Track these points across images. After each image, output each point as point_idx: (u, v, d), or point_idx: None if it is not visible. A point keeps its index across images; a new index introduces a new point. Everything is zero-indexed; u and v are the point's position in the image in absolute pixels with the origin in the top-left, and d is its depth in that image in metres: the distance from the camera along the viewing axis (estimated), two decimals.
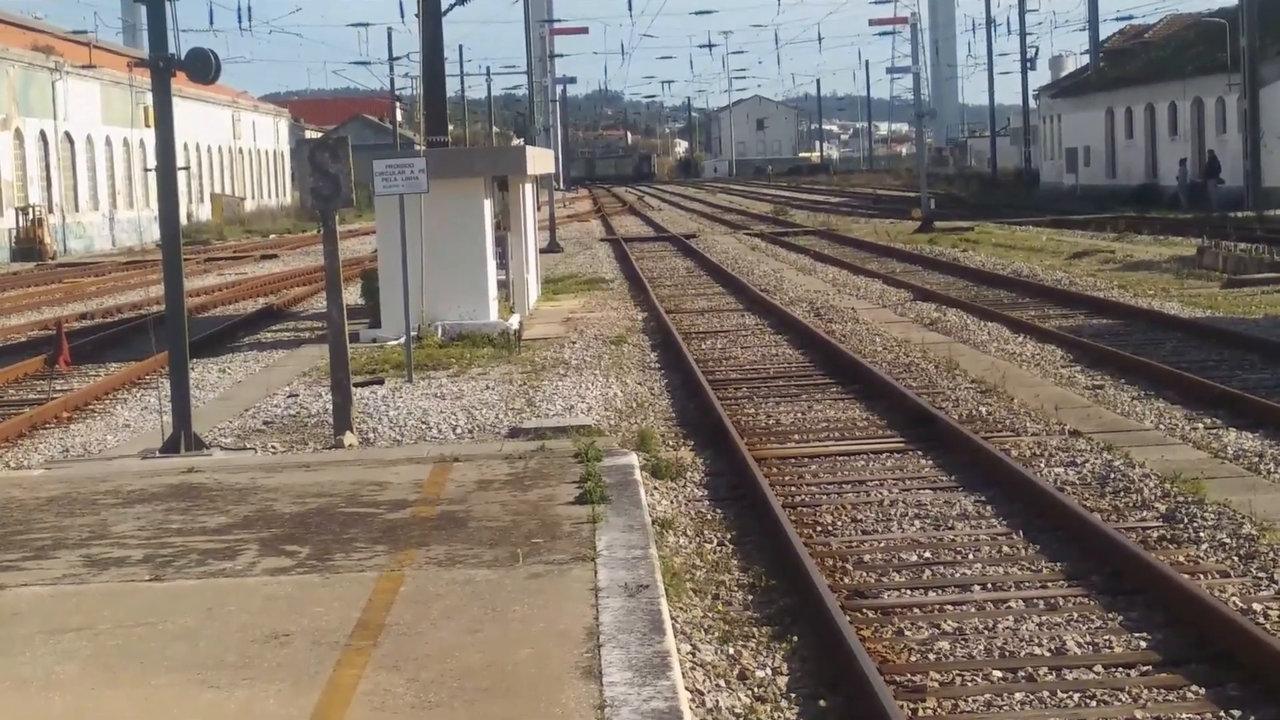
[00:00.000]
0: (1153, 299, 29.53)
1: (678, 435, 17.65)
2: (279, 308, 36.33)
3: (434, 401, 19.83)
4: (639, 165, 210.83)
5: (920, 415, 17.36)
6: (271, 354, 26.75)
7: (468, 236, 26.86)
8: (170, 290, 17.17)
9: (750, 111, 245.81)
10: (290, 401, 20.43)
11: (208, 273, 51.28)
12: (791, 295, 33.33)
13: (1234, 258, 33.76)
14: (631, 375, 22.38)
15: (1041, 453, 15.53)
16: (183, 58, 16.87)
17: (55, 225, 68.30)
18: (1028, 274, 35.97)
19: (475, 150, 47.38)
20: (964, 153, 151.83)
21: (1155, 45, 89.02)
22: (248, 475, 14.71)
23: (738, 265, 43.13)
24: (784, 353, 24.48)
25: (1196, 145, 71.28)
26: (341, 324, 17.30)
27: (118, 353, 28.18)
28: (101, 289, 45.21)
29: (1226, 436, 15.97)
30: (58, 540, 12.20)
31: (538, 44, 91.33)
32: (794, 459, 15.96)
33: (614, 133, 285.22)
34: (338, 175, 17.11)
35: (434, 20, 32.23)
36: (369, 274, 29.82)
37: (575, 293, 36.69)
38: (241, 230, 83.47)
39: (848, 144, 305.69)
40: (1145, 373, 20.09)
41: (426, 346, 24.74)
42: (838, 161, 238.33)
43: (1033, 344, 23.79)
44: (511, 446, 15.88)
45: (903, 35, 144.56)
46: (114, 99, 76.93)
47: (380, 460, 15.43)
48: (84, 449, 18.32)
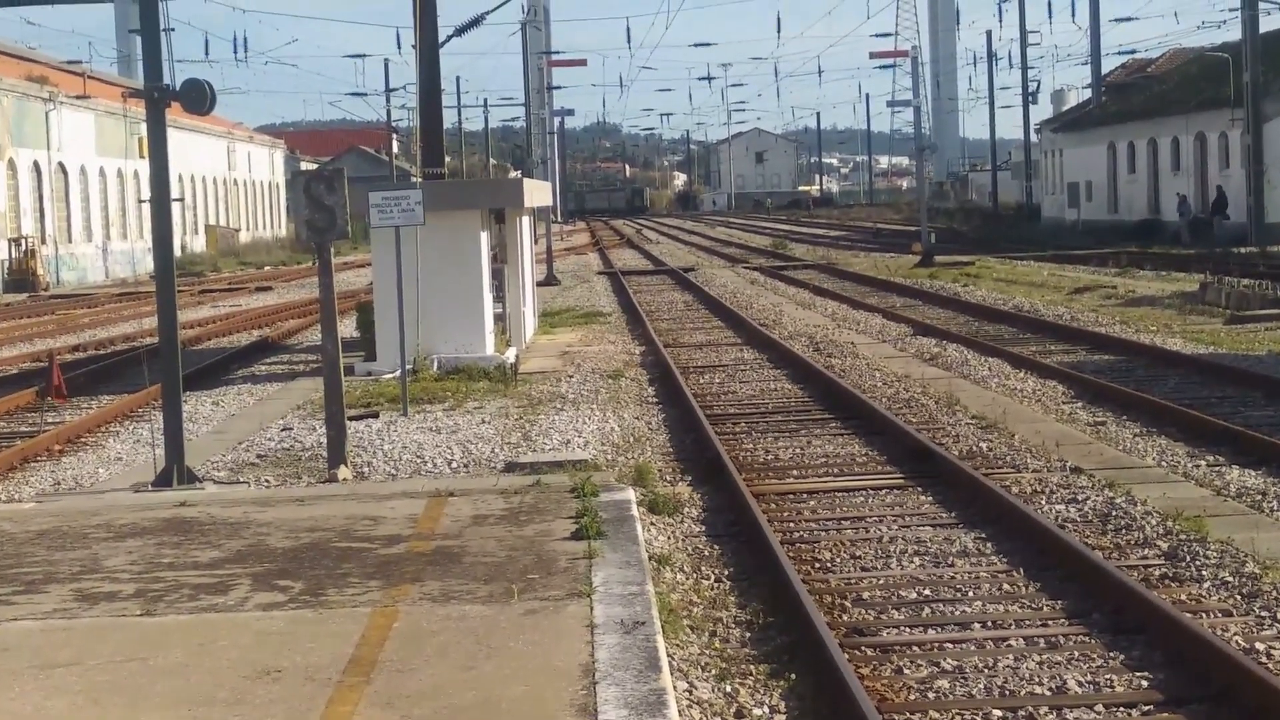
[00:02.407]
0: (1155, 335, 29.42)
1: (675, 470, 17.52)
2: (273, 340, 36.21)
3: (429, 435, 19.71)
4: (631, 199, 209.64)
5: (920, 451, 17.24)
6: (265, 387, 26.63)
7: (464, 269, 26.76)
8: (164, 322, 17.06)
9: (749, 144, 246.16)
10: (284, 435, 20.31)
11: (202, 305, 51.21)
12: (791, 329, 33.23)
13: (1237, 293, 33.67)
14: (629, 410, 22.26)
15: (1042, 489, 15.41)
16: (178, 88, 16.78)
17: (48, 256, 68.25)
18: (1029, 309, 35.87)
19: (472, 182, 47.31)
20: (965, 187, 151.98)
21: (1158, 79, 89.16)
22: (241, 509, 14.58)
23: (736, 299, 43.05)
24: (783, 387, 24.35)
25: (1199, 180, 71.33)
26: (336, 357, 17.17)
27: (111, 385, 28.06)
28: (94, 321, 45.10)
29: (1229, 474, 15.85)
30: (48, 574, 12.07)
31: (536, 76, 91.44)
32: (792, 495, 15.83)
33: (612, 165, 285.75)
34: (333, 207, 17.00)
35: (431, 52, 32.16)
36: (364, 307, 29.72)
37: (572, 326, 36.60)
38: (236, 262, 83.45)
39: (848, 177, 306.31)
40: (1147, 409, 19.97)
41: (422, 380, 24.62)
42: (838, 195, 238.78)
43: (1034, 380, 23.67)
44: (507, 481, 15.75)
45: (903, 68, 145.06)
46: (108, 129, 76.93)
47: (374, 495, 15.30)
48: (76, 482, 18.18)
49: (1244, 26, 62.31)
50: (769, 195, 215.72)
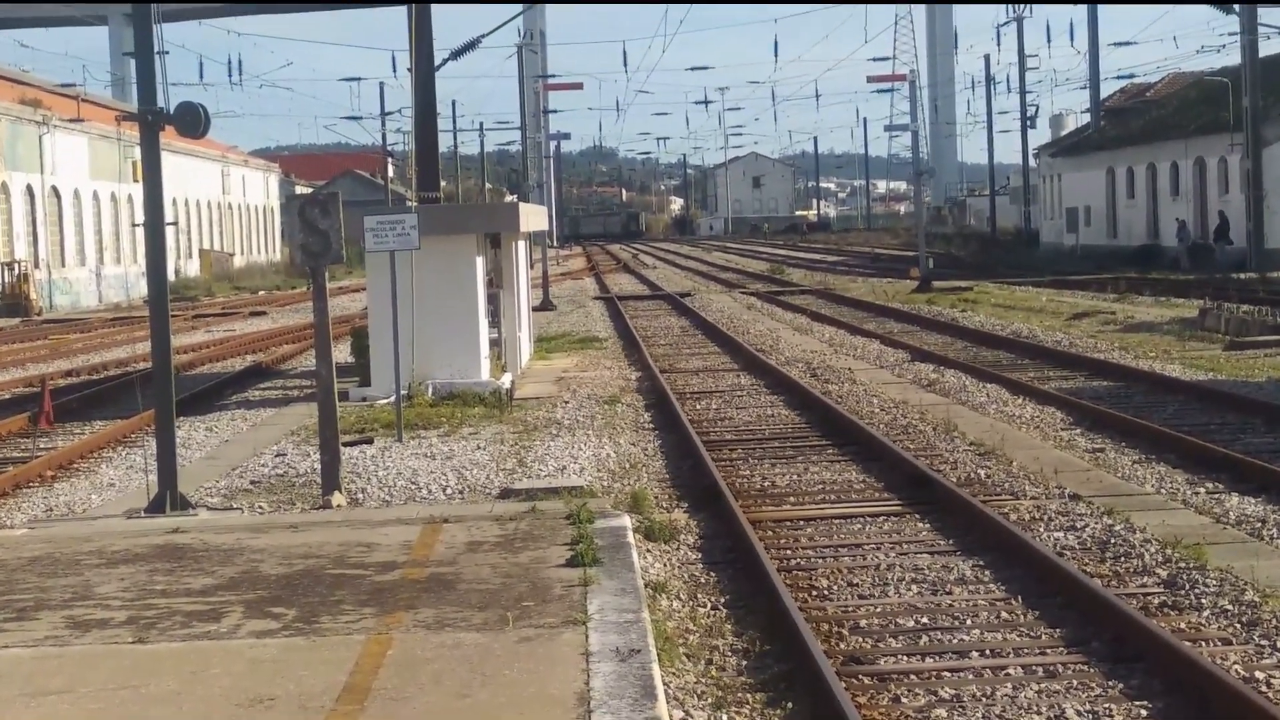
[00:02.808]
0: (1154, 361, 29.35)
1: (671, 497, 17.44)
2: (267, 365, 36.12)
3: (424, 461, 19.64)
4: (627, 223, 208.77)
5: (918, 478, 17.16)
6: (259, 412, 26.54)
7: (460, 294, 26.70)
8: (157, 347, 16.97)
9: (746, 169, 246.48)
10: (278, 461, 20.23)
11: (195, 329, 51.13)
12: (788, 355, 33.17)
13: (1236, 319, 33.61)
14: (625, 436, 22.18)
15: (1041, 516, 15.33)
16: (172, 111, 16.72)
17: (41, 281, 68.20)
18: (1027, 335, 35.81)
19: (468, 206, 47.33)
20: (963, 211, 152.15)
21: (1157, 104, 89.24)
22: (234, 536, 14.49)
23: (733, 324, 43.00)
24: (780, 413, 24.28)
25: (1198, 206, 71.35)
26: (330, 382, 17.09)
27: (104, 410, 27.96)
28: (87, 346, 45.01)
29: (1229, 501, 15.78)
30: (40, 601, 12.00)
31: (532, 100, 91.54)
32: (789, 522, 15.75)
33: (608, 189, 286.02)
34: (328, 231, 16.93)
35: (426, 75, 32.14)
36: (359, 332, 29.65)
37: (568, 351, 36.53)
38: (230, 286, 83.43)
39: (845, 202, 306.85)
40: (1146, 436, 19.91)
41: (417, 405, 24.55)
42: (835, 219, 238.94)
43: (1032, 406, 23.60)
44: (502, 508, 15.67)
45: (901, 93, 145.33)
46: (102, 153, 76.94)
47: (368, 521, 15.22)
48: (68, 508, 18.10)
49: (1243, 51, 62.38)
50: (766, 220, 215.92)
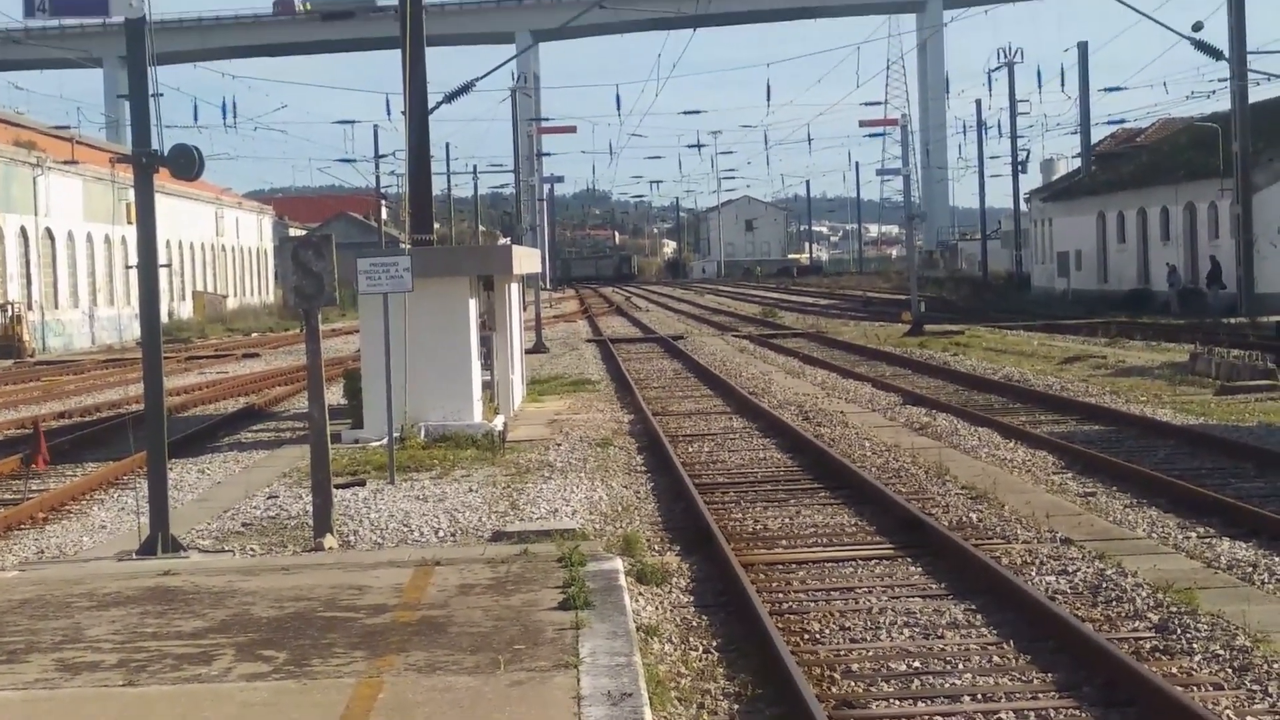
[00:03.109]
0: (1145, 405, 29.38)
1: (664, 540, 17.44)
2: (260, 407, 36.10)
3: (416, 504, 19.63)
4: (619, 266, 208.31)
5: (910, 521, 17.16)
6: (252, 454, 26.52)
7: (452, 336, 26.72)
8: (150, 389, 16.97)
9: (739, 212, 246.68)
10: (270, 503, 20.22)
11: (188, 371, 51.08)
12: (780, 398, 33.18)
13: (1227, 364, 33.64)
14: (617, 478, 22.18)
15: (1033, 561, 15.33)
16: (166, 154, 16.75)
17: (34, 322, 68.14)
18: (1019, 379, 35.84)
19: (461, 249, 47.32)
20: (955, 255, 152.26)
21: (1147, 149, 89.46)
22: (225, 578, 14.47)
23: (725, 367, 43.01)
24: (772, 456, 24.28)
25: (1188, 250, 71.48)
26: (323, 424, 17.09)
27: (96, 452, 27.93)
28: (80, 387, 44.97)
29: (1220, 546, 15.79)
30: (30, 644, 11.97)
31: (525, 143, 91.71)
32: (781, 565, 15.74)
33: (601, 232, 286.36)
34: (321, 273, 16.96)
35: (420, 118, 32.21)
36: (352, 374, 29.65)
37: (561, 394, 36.53)
38: (223, 328, 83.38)
39: (837, 245, 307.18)
40: (1138, 480, 19.92)
41: (409, 448, 24.54)
42: (827, 263, 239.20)
43: (1024, 450, 23.61)
44: (494, 550, 15.66)
45: (893, 137, 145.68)
46: (96, 195, 76.98)
47: (360, 564, 15.20)
48: (59, 550, 18.07)
49: (1233, 97, 62.58)
50: (758, 263, 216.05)
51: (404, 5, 31.26)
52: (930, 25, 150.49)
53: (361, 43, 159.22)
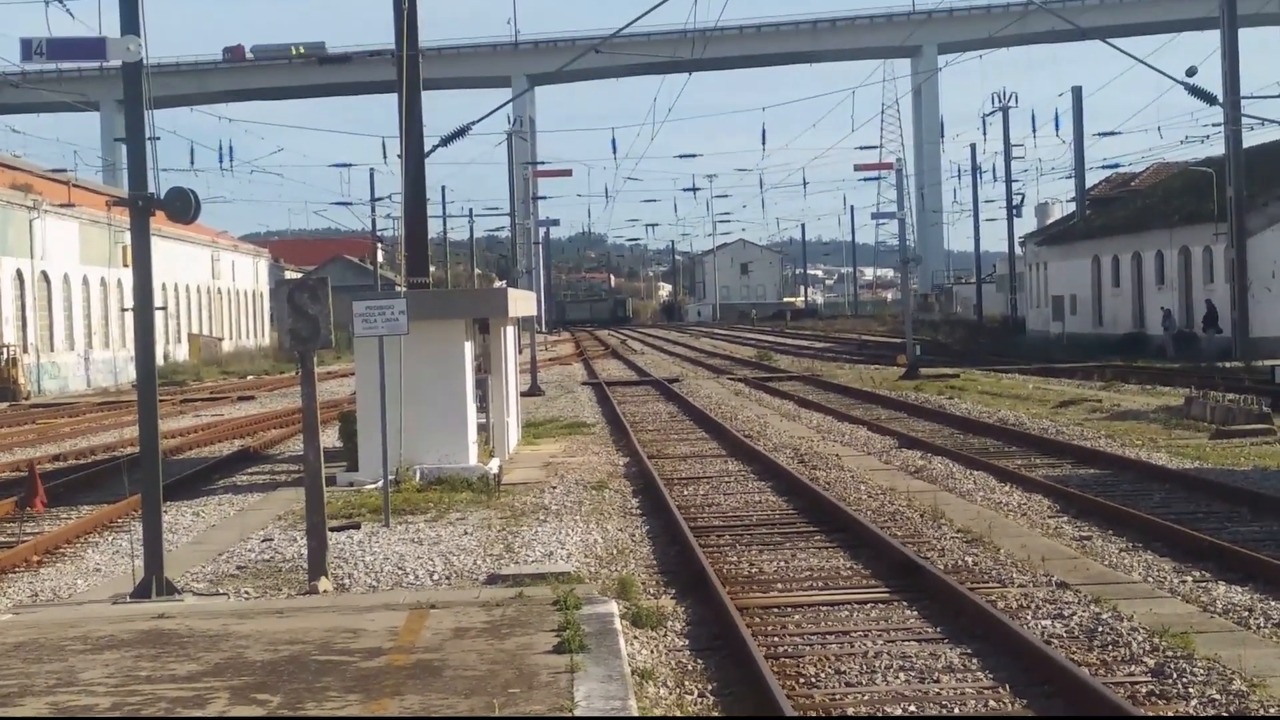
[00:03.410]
0: (1140, 449, 29.38)
1: (659, 583, 17.42)
2: (255, 450, 36.07)
3: (411, 547, 19.60)
4: (614, 309, 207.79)
5: (905, 565, 17.15)
6: (247, 497, 26.50)
7: (448, 379, 26.72)
8: (145, 432, 16.97)
9: (734, 255, 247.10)
10: (264, 546, 20.19)
11: (184, 414, 51.05)
12: (775, 441, 33.17)
13: (1222, 408, 33.65)
14: (612, 521, 22.16)
15: (1028, 604, 15.31)
16: (162, 197, 16.78)
17: (30, 365, 68.10)
18: (1014, 422, 35.84)
19: (456, 292, 47.36)
20: (950, 299, 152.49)
21: (1142, 193, 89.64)
22: (219, 621, 14.45)
23: (721, 410, 43.00)
24: (767, 500, 24.27)
25: (1183, 294, 71.58)
26: (318, 467, 17.08)
27: (91, 495, 27.90)
28: (75, 430, 44.93)
29: (1216, 590, 15.78)
30: (24, 687, 11.95)
31: (521, 186, 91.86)
32: (777, 608, 15.72)
33: (597, 275, 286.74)
34: (317, 316, 16.97)
35: (416, 161, 32.27)
36: (347, 416, 29.64)
37: (556, 436, 36.52)
38: (219, 371, 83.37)
39: (832, 289, 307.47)
40: (1133, 524, 19.92)
41: (404, 490, 24.53)
42: (822, 306, 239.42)
43: (1019, 493, 23.61)
44: (489, 593, 15.64)
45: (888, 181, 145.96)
46: (92, 238, 77.05)
47: (355, 607, 15.18)
48: (53, 593, 18.03)
49: (1227, 142, 62.75)
50: (754, 306, 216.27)
51: (401, 50, 31.36)
52: (925, 70, 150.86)
53: (358, 86, 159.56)
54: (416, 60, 31.81)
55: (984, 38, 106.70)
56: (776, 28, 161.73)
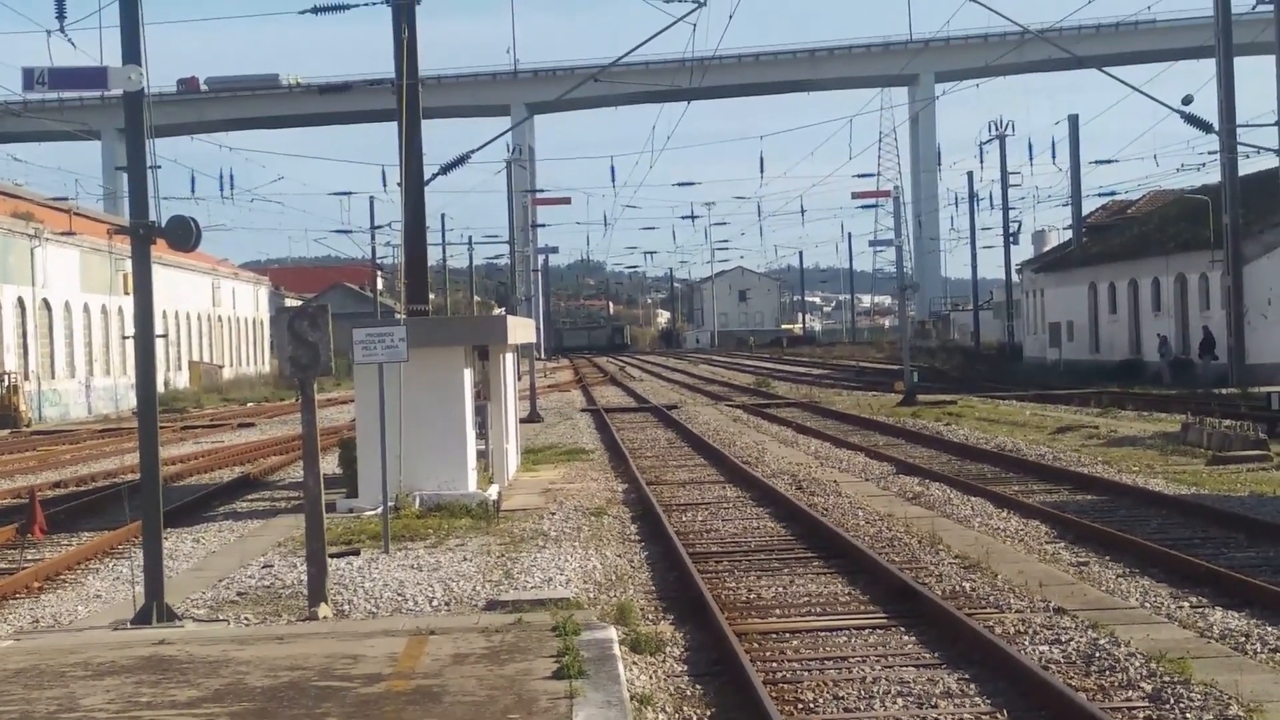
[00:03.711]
0: (1137, 475, 29.43)
1: (658, 609, 17.45)
2: (255, 477, 36.11)
3: (410, 573, 19.65)
4: (612, 336, 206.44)
5: (903, 590, 17.19)
6: (247, 524, 26.54)
7: (447, 406, 26.78)
8: (145, 458, 17.02)
9: (733, 282, 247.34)
10: (264, 572, 20.23)
11: (184, 441, 51.09)
12: (773, 467, 33.22)
13: (1219, 434, 33.70)
14: (611, 547, 22.21)
15: (1026, 630, 15.35)
16: (163, 225, 16.86)
17: (31, 392, 68.16)
18: (1011, 448, 35.89)
19: (456, 319, 47.47)
20: (947, 326, 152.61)
21: (1138, 221, 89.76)
22: (220, 647, 14.49)
23: (719, 437, 43.04)
24: (766, 526, 24.31)
25: (1180, 321, 71.68)
26: (318, 493, 17.13)
27: (91, 521, 27.95)
28: (76, 457, 44.98)
29: (1212, 615, 15.82)
30: (25, 714, 11.99)
31: (520, 214, 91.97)
32: (775, 634, 15.76)
33: (596, 302, 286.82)
34: (317, 343, 17.04)
35: (416, 189, 32.37)
36: (347, 443, 29.69)
37: (555, 463, 36.56)
38: (219, 398, 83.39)
39: (830, 315, 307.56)
40: (1130, 550, 19.97)
41: (404, 517, 24.57)
42: (820, 333, 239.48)
43: (1017, 519, 23.65)
44: (488, 619, 15.68)
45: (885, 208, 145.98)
46: (93, 266, 77.18)
47: (355, 633, 15.22)
48: (54, 619, 18.07)
49: (1223, 170, 62.88)
50: (752, 333, 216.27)
51: (400, 79, 31.47)
52: (922, 98, 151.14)
53: (358, 115, 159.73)
54: (416, 89, 31.93)
55: (981, 66, 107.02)
56: (774, 56, 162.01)
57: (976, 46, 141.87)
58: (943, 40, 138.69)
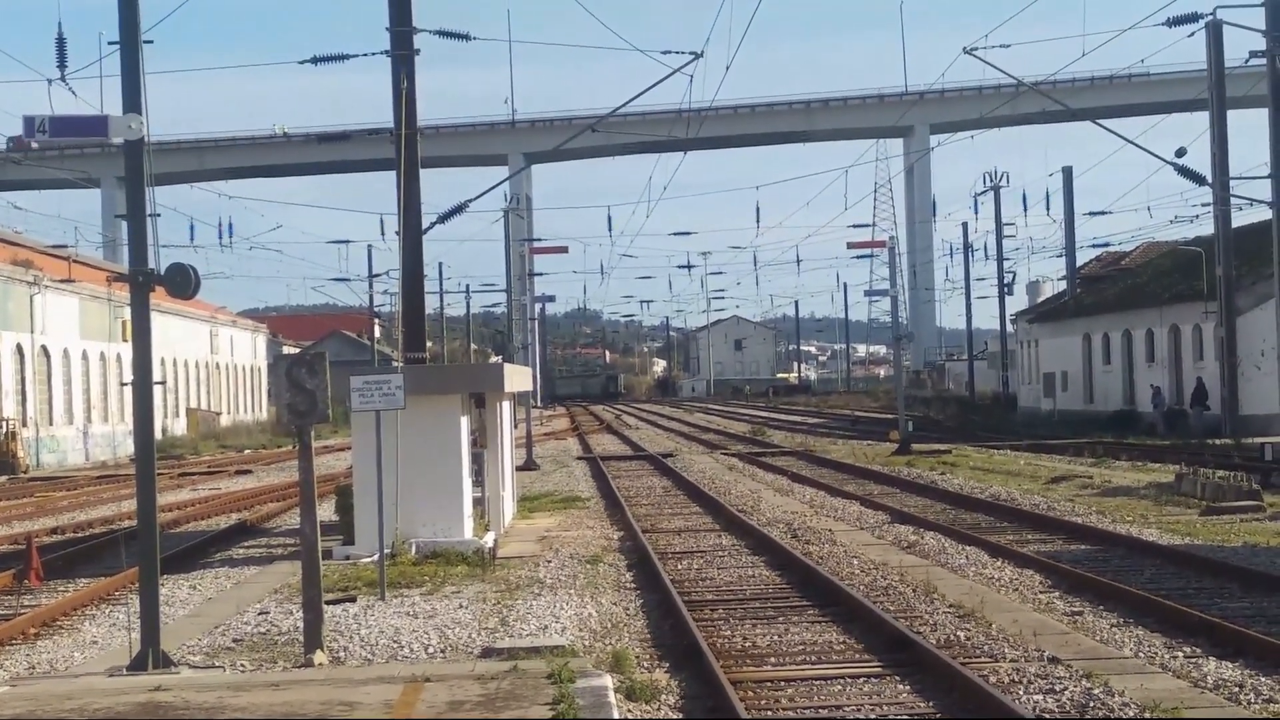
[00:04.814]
0: (1131, 525, 29.48)
1: (653, 657, 17.49)
2: (252, 524, 36.13)
3: (406, 620, 19.68)
4: (606, 384, 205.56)
5: (898, 639, 17.24)
6: (243, 570, 26.56)
7: (444, 453, 26.83)
8: (142, 505, 17.06)
9: (728, 331, 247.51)
10: (261, 619, 20.25)
11: (181, 487, 51.08)
12: (769, 516, 33.25)
13: (1212, 485, 33.77)
14: (607, 595, 22.23)
15: (1020, 679, 15.39)
16: (162, 272, 16.94)
17: (29, 439, 68.17)
18: (1006, 498, 35.94)
19: (453, 367, 47.56)
20: (942, 375, 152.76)
21: (1132, 272, 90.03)
22: (215, 694, 14.50)
23: (715, 485, 43.08)
24: (761, 574, 24.35)
25: (1173, 372, 71.83)
26: (314, 540, 17.17)
27: (88, 568, 27.97)
28: (74, 503, 44.97)
29: (1206, 665, 15.86)
30: None
31: (517, 262, 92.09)
32: (770, 682, 15.79)
33: (592, 351, 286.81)
34: (314, 391, 17.11)
35: (414, 238, 32.50)
36: (343, 489, 29.73)
37: (551, 511, 36.59)
38: (217, 445, 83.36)
39: (825, 365, 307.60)
40: (1124, 599, 20.02)
41: (400, 564, 24.60)
42: (816, 382, 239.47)
43: (1011, 569, 23.70)
44: (484, 667, 15.70)
45: (881, 258, 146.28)
46: (92, 313, 77.29)
47: (350, 679, 15.24)
48: (50, 666, 18.09)
49: (1216, 221, 63.11)
50: (748, 382, 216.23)
51: (399, 129, 31.62)
52: (917, 150, 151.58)
53: (357, 164, 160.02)
54: (414, 139, 32.07)
55: (975, 118, 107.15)
56: (770, 107, 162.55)
57: (971, 99, 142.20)
58: (938, 92, 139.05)
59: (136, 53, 17.18)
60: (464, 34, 35.11)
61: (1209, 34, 60.96)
